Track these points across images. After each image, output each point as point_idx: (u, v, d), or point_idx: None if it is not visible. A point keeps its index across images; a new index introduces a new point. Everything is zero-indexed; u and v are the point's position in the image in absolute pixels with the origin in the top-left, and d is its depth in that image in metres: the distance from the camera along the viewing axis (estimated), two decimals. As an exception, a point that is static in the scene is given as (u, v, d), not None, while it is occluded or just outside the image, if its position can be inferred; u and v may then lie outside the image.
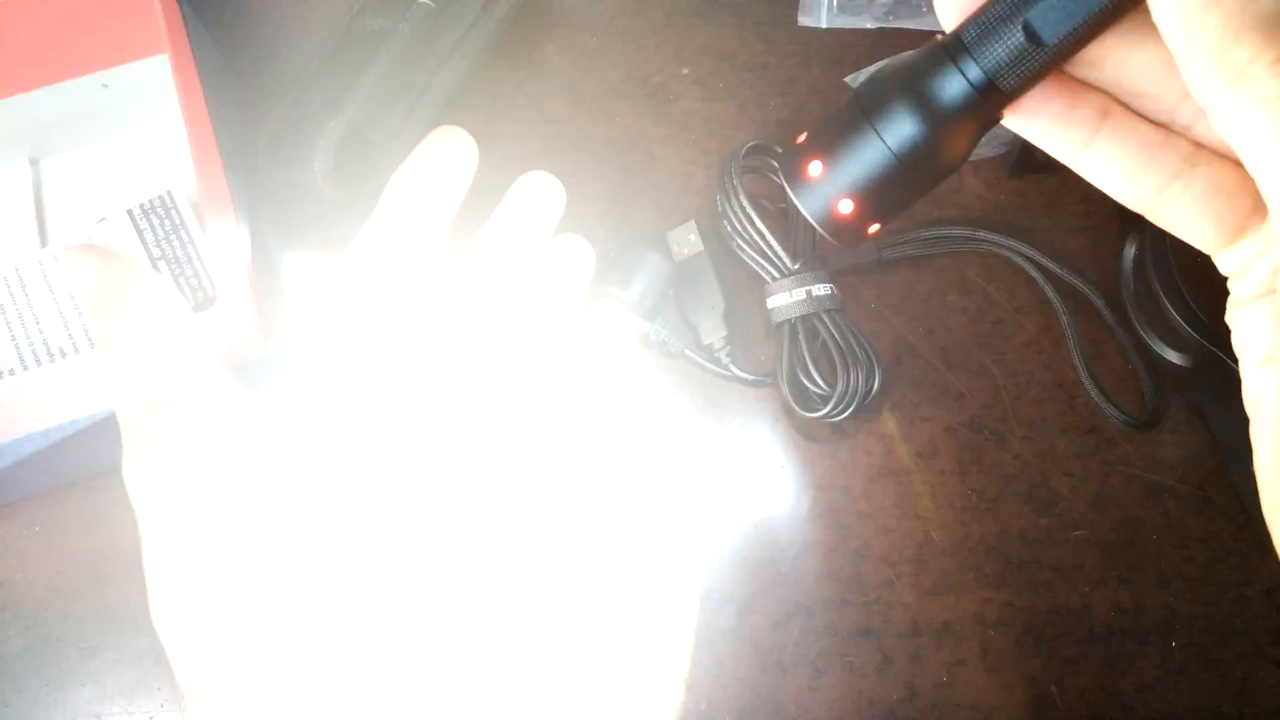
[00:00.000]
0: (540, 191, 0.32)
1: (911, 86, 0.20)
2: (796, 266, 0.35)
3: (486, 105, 0.41)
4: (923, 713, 0.31)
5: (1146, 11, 0.17)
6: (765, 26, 0.41)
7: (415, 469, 0.27)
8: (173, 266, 0.35)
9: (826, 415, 0.33)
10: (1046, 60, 0.19)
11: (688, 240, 0.37)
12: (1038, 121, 0.21)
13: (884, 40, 0.41)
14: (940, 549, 0.33)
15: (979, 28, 0.19)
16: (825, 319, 0.34)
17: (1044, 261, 0.36)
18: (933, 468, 0.34)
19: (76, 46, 0.36)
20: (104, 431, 0.30)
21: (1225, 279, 0.21)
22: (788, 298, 0.34)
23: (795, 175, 0.21)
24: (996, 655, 0.32)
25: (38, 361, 0.34)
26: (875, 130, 0.20)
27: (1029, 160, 0.37)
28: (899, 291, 0.36)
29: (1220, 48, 0.16)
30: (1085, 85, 0.21)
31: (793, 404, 0.34)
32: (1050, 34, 0.18)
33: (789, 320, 0.34)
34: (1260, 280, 0.20)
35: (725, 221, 0.36)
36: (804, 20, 0.41)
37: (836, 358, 0.33)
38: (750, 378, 0.35)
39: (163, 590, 0.21)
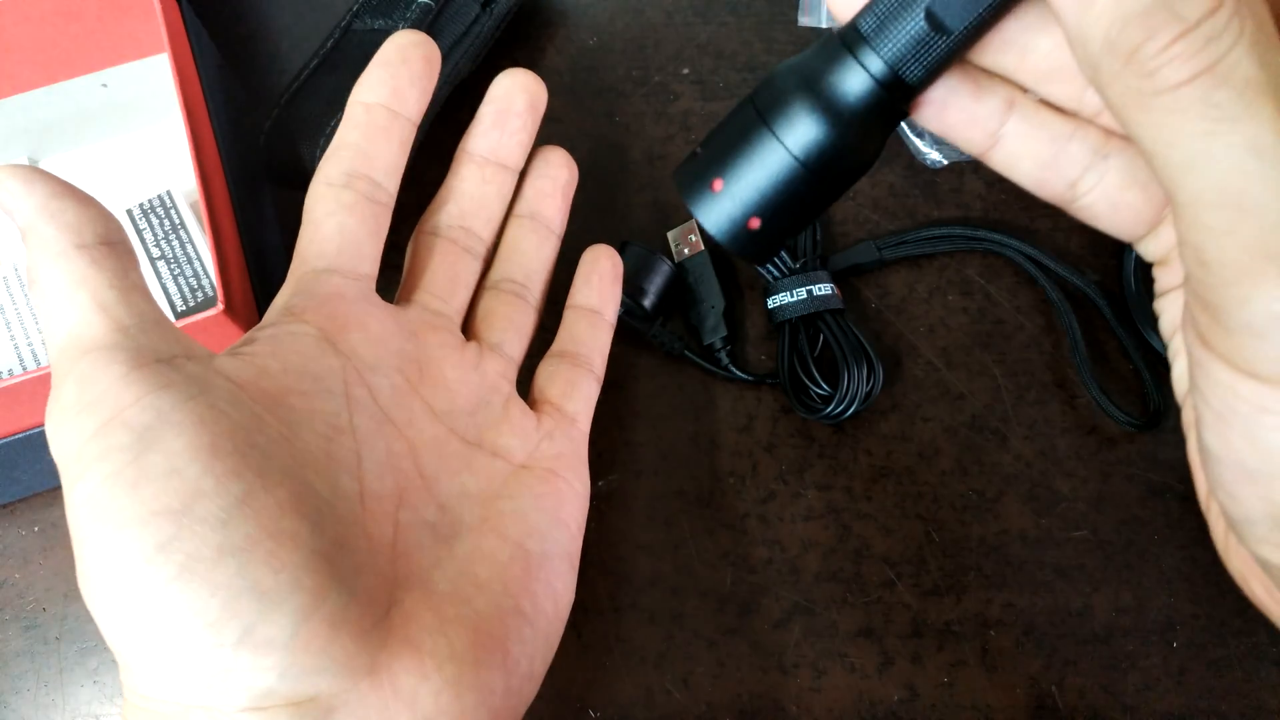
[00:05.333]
0: (521, 89, 0.31)
1: (811, 86, 0.18)
2: (797, 266, 0.35)
3: (486, 105, 0.41)
4: (923, 713, 0.31)
5: None
6: (765, 26, 0.41)
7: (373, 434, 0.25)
8: (172, 266, 0.35)
9: (827, 415, 0.33)
10: (951, 48, 0.18)
11: (688, 240, 0.37)
12: (944, 115, 0.20)
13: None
14: (941, 549, 0.33)
15: (876, 17, 0.18)
16: (826, 319, 0.34)
17: (1045, 261, 0.36)
18: (933, 468, 0.34)
19: (76, 46, 0.36)
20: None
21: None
22: (788, 297, 0.34)
23: (695, 192, 0.19)
24: (997, 655, 0.32)
25: (37, 361, 0.34)
26: (776, 136, 0.18)
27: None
28: (899, 291, 0.36)
29: (1111, 32, 0.15)
30: (989, 75, 0.20)
31: (793, 404, 0.34)
32: (955, 20, 0.17)
33: (789, 320, 0.34)
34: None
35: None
36: (804, 20, 0.41)
37: (837, 357, 0.33)
38: (750, 378, 0.35)
39: (91, 555, 0.19)
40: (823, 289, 0.34)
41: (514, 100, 0.31)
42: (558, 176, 0.33)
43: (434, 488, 0.26)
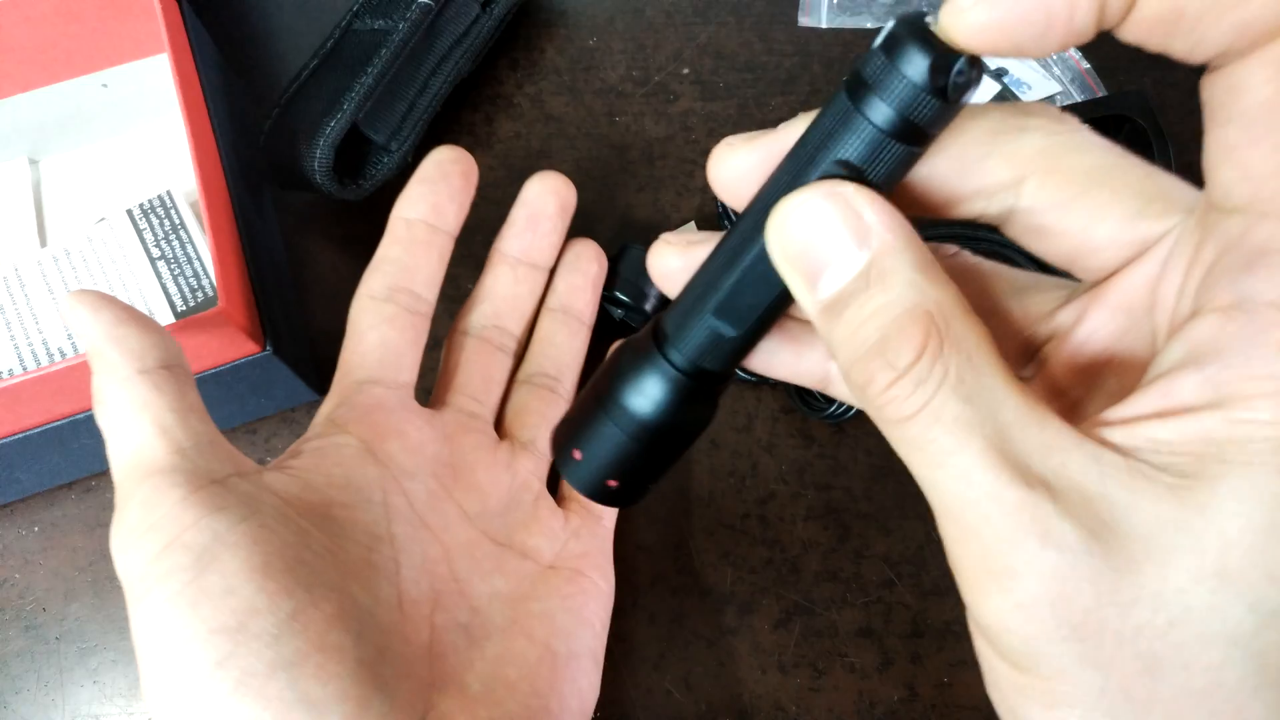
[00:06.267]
0: (552, 192, 0.32)
1: (634, 375, 0.20)
2: (797, 266, 0.35)
3: (486, 105, 0.41)
4: (923, 713, 0.31)
5: None
6: (765, 26, 0.41)
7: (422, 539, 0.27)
8: (172, 266, 0.35)
9: (830, 415, 0.33)
10: (741, 344, 0.19)
11: (688, 240, 0.37)
12: (771, 370, 0.21)
13: (884, 40, 0.41)
14: (941, 549, 0.33)
15: (676, 319, 0.20)
16: (825, 319, 0.34)
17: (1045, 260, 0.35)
18: (933, 468, 0.34)
19: (76, 46, 0.36)
20: (103, 431, 0.30)
21: None
22: (788, 297, 0.34)
23: (562, 459, 0.22)
24: (997, 655, 0.32)
25: (37, 361, 0.34)
26: (612, 421, 0.21)
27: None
28: (899, 291, 0.36)
29: (845, 366, 0.16)
30: (810, 326, 0.21)
31: (796, 404, 0.34)
32: (734, 326, 0.19)
33: (789, 320, 0.34)
34: None
35: (725, 221, 0.36)
36: (804, 20, 0.41)
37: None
38: (752, 378, 0.35)
39: (155, 669, 0.20)
40: (823, 289, 0.34)
41: (545, 204, 0.32)
42: (588, 271, 0.34)
43: (466, 590, 0.27)
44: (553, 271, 0.34)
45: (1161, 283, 0.17)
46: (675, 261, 0.20)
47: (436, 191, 0.30)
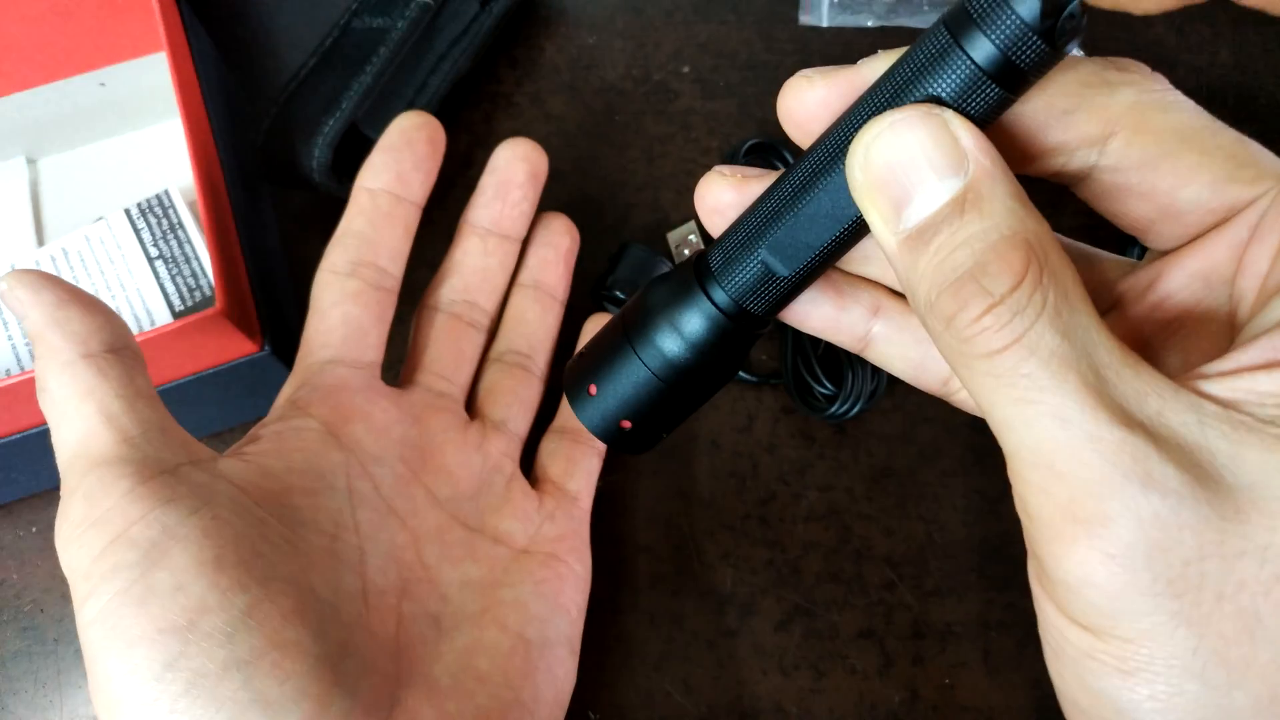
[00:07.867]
0: (522, 159, 0.31)
1: (668, 311, 0.19)
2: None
3: (485, 104, 0.40)
4: (924, 715, 0.31)
5: None
6: (766, 24, 0.41)
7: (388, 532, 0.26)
8: (170, 266, 0.35)
9: (832, 415, 0.33)
10: (790, 287, 0.19)
11: (688, 240, 0.37)
12: (808, 322, 0.20)
13: (885, 39, 0.41)
14: (942, 550, 0.33)
15: (723, 255, 0.19)
16: (827, 319, 0.34)
17: (1047, 261, 0.35)
18: (935, 468, 0.34)
19: (74, 44, 0.36)
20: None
21: None
22: (789, 297, 0.34)
23: (575, 393, 0.21)
24: (999, 657, 0.31)
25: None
26: (638, 356, 0.20)
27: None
28: (901, 291, 0.36)
29: (931, 295, 0.16)
30: (857, 280, 0.20)
31: (797, 404, 0.34)
32: (788, 265, 0.18)
33: (790, 320, 0.34)
34: None
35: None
36: (805, 18, 0.41)
37: (841, 357, 0.33)
38: (753, 379, 0.35)
39: (102, 672, 0.19)
40: (824, 289, 0.34)
41: (515, 171, 0.31)
42: (560, 244, 0.33)
43: (436, 577, 0.26)
44: (524, 246, 0.33)
45: (1251, 248, 0.16)
46: (728, 195, 0.19)
47: (400, 160, 0.29)
